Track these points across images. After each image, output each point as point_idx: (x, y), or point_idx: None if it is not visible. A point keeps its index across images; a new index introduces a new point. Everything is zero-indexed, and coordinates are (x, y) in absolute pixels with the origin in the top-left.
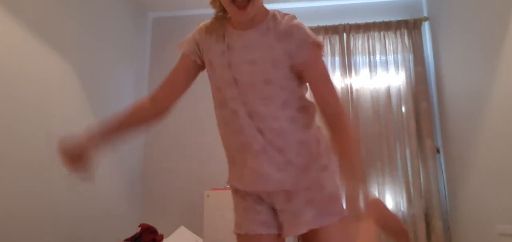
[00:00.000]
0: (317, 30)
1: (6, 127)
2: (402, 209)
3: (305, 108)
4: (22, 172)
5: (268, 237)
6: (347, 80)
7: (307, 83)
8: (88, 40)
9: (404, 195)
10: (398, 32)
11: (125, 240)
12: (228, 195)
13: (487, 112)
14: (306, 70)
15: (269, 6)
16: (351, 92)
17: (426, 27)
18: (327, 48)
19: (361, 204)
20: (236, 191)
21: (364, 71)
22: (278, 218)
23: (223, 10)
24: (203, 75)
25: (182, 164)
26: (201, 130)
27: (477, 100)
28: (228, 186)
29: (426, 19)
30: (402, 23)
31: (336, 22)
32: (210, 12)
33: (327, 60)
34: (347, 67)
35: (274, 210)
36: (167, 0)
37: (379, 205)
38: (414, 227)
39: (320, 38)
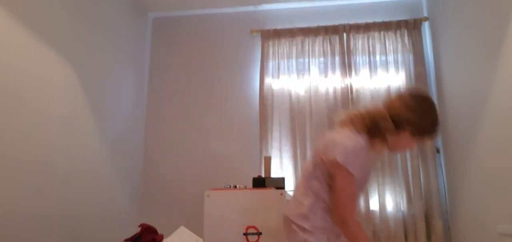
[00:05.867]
0: (317, 30)
1: (6, 126)
2: (402, 209)
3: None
4: (22, 172)
5: None
6: (347, 80)
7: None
8: (88, 40)
9: (404, 195)
10: (398, 32)
11: (125, 240)
12: (228, 195)
13: (487, 112)
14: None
15: (270, 6)
16: (351, 92)
17: (426, 27)
18: (327, 48)
19: None
20: None
21: (364, 71)
22: None
23: None
24: (201, 79)
25: (182, 164)
26: (201, 130)
27: (477, 100)
28: (228, 186)
29: (426, 19)
30: (402, 23)
31: (336, 22)
32: (210, 12)
33: (327, 60)
34: (347, 67)
35: None
36: (167, 0)
37: None
38: (414, 227)
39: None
